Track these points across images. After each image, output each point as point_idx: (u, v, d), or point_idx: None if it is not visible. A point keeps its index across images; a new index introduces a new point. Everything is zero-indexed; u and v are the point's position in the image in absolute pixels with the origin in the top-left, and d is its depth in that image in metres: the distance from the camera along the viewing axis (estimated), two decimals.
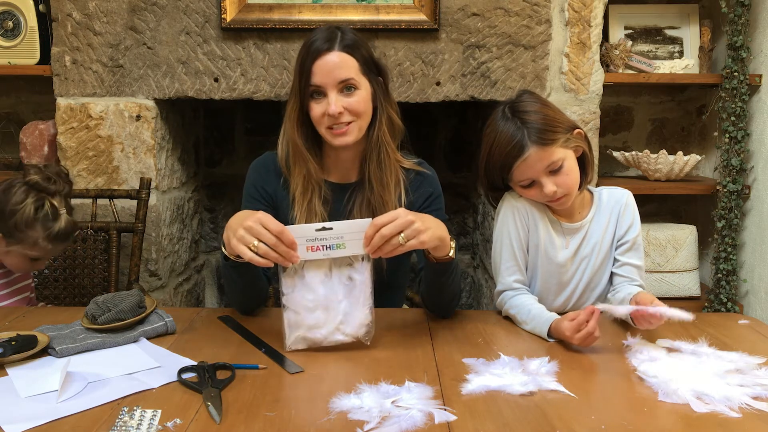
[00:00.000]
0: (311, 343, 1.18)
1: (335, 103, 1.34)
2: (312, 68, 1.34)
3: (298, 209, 1.41)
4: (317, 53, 1.34)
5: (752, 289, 2.20)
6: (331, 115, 1.34)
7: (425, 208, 1.45)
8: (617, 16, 2.30)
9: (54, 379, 1.02)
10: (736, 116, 2.14)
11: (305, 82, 1.35)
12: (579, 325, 1.16)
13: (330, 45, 1.34)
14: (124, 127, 2.05)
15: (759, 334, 1.30)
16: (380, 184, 1.42)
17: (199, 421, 0.91)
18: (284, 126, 1.44)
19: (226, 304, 2.63)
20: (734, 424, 0.93)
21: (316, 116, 1.37)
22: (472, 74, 2.04)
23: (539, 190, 1.36)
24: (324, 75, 1.34)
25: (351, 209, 1.44)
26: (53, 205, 1.53)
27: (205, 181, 2.63)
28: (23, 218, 1.49)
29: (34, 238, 1.51)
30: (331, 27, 1.39)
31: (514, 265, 1.41)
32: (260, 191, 1.47)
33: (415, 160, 1.51)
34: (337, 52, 1.35)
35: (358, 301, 1.18)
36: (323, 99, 1.36)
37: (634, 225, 1.42)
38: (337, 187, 1.46)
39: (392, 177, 1.43)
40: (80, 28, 2.01)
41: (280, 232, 1.11)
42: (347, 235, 1.14)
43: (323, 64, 1.34)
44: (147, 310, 1.28)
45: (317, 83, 1.34)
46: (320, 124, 1.38)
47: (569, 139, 1.36)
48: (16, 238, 1.51)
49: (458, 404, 0.97)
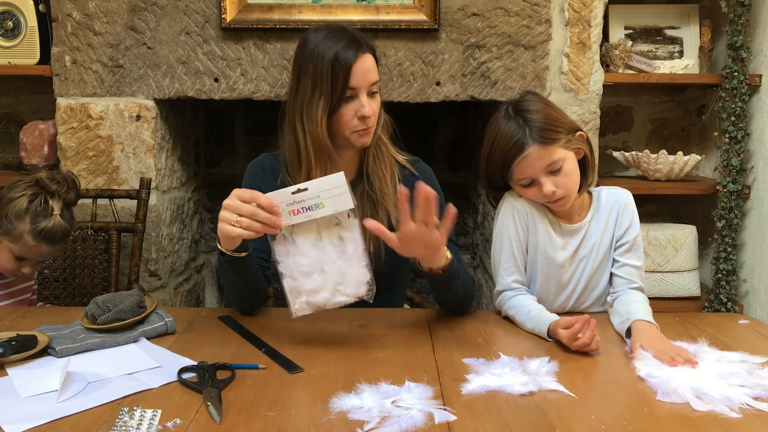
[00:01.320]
0: (315, 307, 1.19)
1: (368, 105, 1.35)
2: (351, 71, 1.32)
3: None
4: (354, 56, 1.32)
5: (752, 289, 2.20)
6: (365, 117, 1.34)
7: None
8: (617, 16, 2.30)
9: (54, 379, 1.02)
10: (736, 116, 2.14)
11: (343, 85, 1.33)
12: (574, 334, 1.16)
13: (359, 47, 1.34)
14: (124, 127, 2.05)
15: (759, 334, 1.30)
16: (377, 177, 1.44)
17: (199, 421, 0.91)
18: (290, 128, 1.41)
19: (226, 304, 2.63)
20: (734, 424, 0.93)
21: (347, 118, 1.36)
22: (472, 74, 2.04)
23: (538, 190, 1.36)
24: (360, 78, 1.33)
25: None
26: (47, 202, 1.52)
27: (205, 181, 2.63)
28: (15, 208, 1.49)
29: (20, 230, 1.49)
30: (341, 26, 1.38)
31: (513, 265, 1.41)
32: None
33: (409, 158, 1.52)
34: (368, 54, 1.36)
35: (352, 260, 1.18)
36: (353, 101, 1.35)
37: (633, 225, 1.42)
38: None
39: (387, 169, 1.45)
40: (80, 28, 2.01)
41: (253, 197, 1.12)
42: (324, 193, 1.14)
43: (360, 67, 1.33)
44: (147, 310, 1.28)
45: (354, 86, 1.33)
46: (348, 126, 1.36)
47: (571, 141, 1.36)
48: (3, 228, 1.50)
49: (458, 404, 0.97)
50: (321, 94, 1.34)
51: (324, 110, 1.34)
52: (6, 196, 1.51)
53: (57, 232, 1.52)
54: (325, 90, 1.33)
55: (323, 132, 1.36)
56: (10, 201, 1.50)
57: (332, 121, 1.36)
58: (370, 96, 1.37)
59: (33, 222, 1.50)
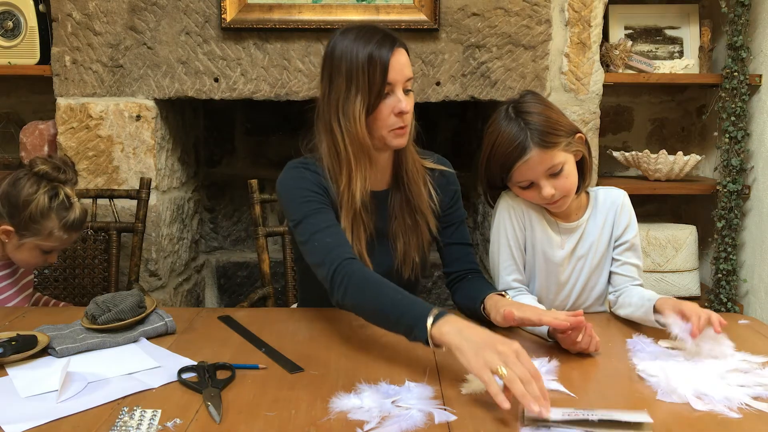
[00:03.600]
0: None
1: (405, 100, 1.31)
2: (389, 65, 1.27)
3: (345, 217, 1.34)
4: (389, 51, 1.28)
5: (752, 289, 2.20)
6: (403, 113, 1.30)
7: (452, 206, 1.47)
8: (617, 16, 2.30)
9: (54, 379, 1.02)
10: (736, 116, 2.14)
11: (381, 80, 1.27)
12: (572, 342, 1.16)
13: (394, 42, 1.30)
14: (124, 127, 2.05)
15: (759, 334, 1.30)
16: (414, 183, 1.41)
17: (199, 421, 0.91)
18: (327, 130, 1.34)
19: (226, 304, 2.64)
20: (734, 424, 0.93)
21: (384, 115, 1.30)
22: (472, 74, 2.04)
23: (537, 192, 1.36)
24: (397, 72, 1.29)
25: (394, 215, 1.41)
26: (67, 194, 1.52)
27: (205, 181, 2.63)
28: (38, 209, 1.47)
29: (50, 228, 1.50)
30: (372, 24, 1.33)
31: (512, 264, 1.42)
32: (319, 190, 1.34)
33: (430, 157, 1.50)
34: (402, 49, 1.32)
35: None
36: (389, 98, 1.30)
37: (631, 225, 1.43)
38: (374, 195, 1.40)
39: (420, 175, 1.42)
40: (80, 28, 2.01)
41: (536, 374, 0.94)
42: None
43: (396, 62, 1.29)
44: (147, 310, 1.28)
45: (392, 80, 1.29)
46: (385, 124, 1.31)
47: (570, 143, 1.36)
48: (31, 230, 1.49)
49: (458, 404, 0.97)
50: (358, 91, 1.28)
51: (362, 106, 1.29)
52: (18, 197, 1.48)
53: (83, 217, 1.55)
54: (362, 87, 1.28)
55: (363, 129, 1.30)
56: (27, 203, 1.47)
57: (369, 120, 1.31)
58: (406, 93, 1.33)
59: (60, 217, 1.50)
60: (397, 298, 1.13)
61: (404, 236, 1.40)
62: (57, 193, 1.50)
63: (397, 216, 1.41)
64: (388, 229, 1.41)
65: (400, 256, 1.41)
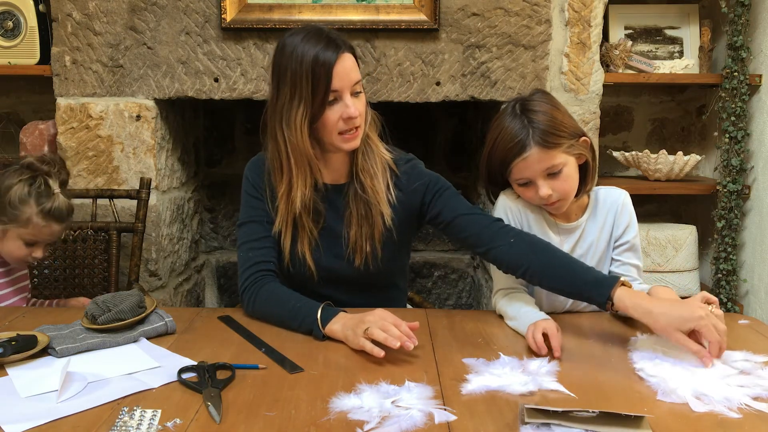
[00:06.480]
0: None
1: (354, 106, 1.31)
2: (332, 73, 1.28)
3: (282, 222, 1.40)
4: (333, 57, 1.28)
5: (752, 289, 2.20)
6: (351, 118, 1.31)
7: (436, 197, 1.42)
8: (617, 16, 2.30)
9: (54, 379, 1.02)
10: (736, 116, 2.14)
11: (325, 89, 1.29)
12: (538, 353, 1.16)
13: (338, 48, 1.30)
14: (124, 127, 2.05)
15: (759, 334, 1.30)
16: (368, 175, 1.41)
17: (199, 421, 0.91)
18: (272, 136, 1.37)
19: (226, 304, 2.64)
20: (734, 424, 0.93)
21: (331, 122, 1.32)
22: (472, 74, 2.04)
23: (535, 192, 1.36)
24: (341, 79, 1.30)
25: (347, 206, 1.42)
26: (46, 182, 1.52)
27: (205, 181, 2.63)
28: (16, 194, 1.49)
29: (28, 214, 1.50)
30: (318, 27, 1.34)
31: None
32: (259, 189, 1.44)
33: (401, 156, 1.48)
34: (348, 54, 1.32)
35: None
36: (336, 104, 1.31)
37: (632, 225, 1.42)
38: (331, 189, 1.43)
39: (378, 167, 1.41)
40: (80, 28, 2.01)
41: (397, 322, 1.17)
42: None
43: (341, 69, 1.29)
44: (147, 310, 1.28)
45: (336, 88, 1.30)
46: (333, 130, 1.33)
47: (573, 146, 1.35)
48: (8, 216, 1.50)
49: (458, 404, 0.97)
50: (301, 101, 1.30)
51: (304, 117, 1.31)
52: (1, 185, 1.51)
53: (63, 209, 1.54)
54: (305, 96, 1.29)
55: (304, 140, 1.32)
56: (8, 189, 1.49)
57: (317, 126, 1.33)
58: (355, 96, 1.33)
59: (38, 203, 1.50)
60: (296, 306, 1.30)
61: (357, 225, 1.41)
62: (36, 180, 1.51)
63: (350, 206, 1.42)
64: (343, 219, 1.42)
65: (351, 245, 1.42)
